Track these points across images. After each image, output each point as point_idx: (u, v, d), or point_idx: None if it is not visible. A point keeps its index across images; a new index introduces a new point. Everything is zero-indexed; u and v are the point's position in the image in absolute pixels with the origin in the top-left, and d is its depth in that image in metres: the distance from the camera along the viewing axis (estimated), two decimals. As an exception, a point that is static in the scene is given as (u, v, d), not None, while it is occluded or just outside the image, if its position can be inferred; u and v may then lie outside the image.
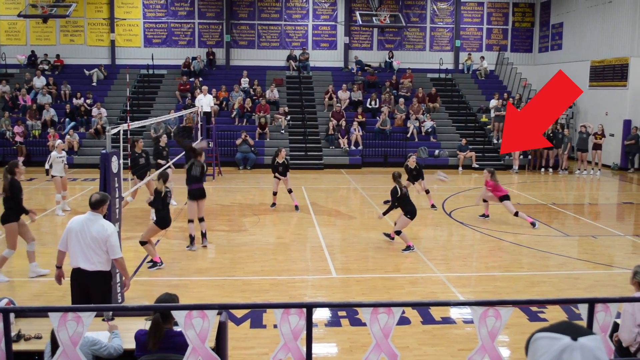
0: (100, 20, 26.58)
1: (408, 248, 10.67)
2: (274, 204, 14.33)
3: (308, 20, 27.35)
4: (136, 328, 4.71)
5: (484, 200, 13.51)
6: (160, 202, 9.28)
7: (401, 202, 10.66)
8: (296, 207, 14.18)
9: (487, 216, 13.55)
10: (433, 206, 14.65)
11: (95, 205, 6.16)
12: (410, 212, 10.68)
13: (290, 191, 14.22)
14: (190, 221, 10.69)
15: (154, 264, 9.48)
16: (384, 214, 11.12)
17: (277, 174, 13.95)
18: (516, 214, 12.74)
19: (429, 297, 8.40)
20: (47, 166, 13.77)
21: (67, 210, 13.58)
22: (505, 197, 13.00)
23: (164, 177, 9.39)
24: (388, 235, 11.42)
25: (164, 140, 14.04)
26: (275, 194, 14.30)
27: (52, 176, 13.40)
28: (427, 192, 14.62)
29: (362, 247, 11.08)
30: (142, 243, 9.37)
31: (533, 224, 12.60)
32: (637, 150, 21.21)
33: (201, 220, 10.79)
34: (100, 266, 6.06)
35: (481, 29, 28.07)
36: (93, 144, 21.62)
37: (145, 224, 12.50)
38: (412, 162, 14.18)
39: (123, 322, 5.11)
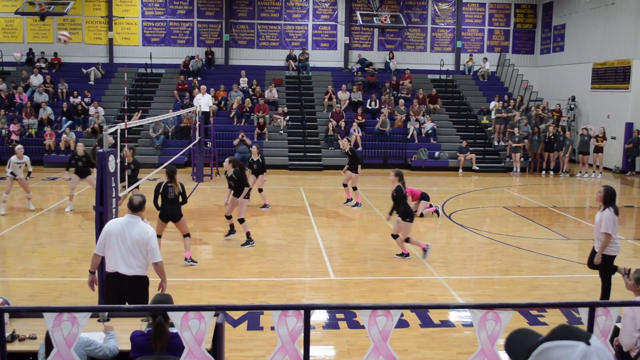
0: (98, 19, 26.51)
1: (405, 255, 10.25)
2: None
3: (308, 20, 27.30)
4: (132, 329, 4.67)
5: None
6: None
7: (399, 202, 10.02)
8: (265, 205, 14.21)
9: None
10: (349, 201, 14.77)
11: (138, 208, 6.02)
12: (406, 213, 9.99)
13: (260, 190, 14.14)
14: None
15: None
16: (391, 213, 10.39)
17: (251, 172, 13.92)
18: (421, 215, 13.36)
19: (428, 300, 8.34)
20: (8, 171, 13.12)
21: (32, 209, 13.45)
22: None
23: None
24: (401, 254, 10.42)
25: (80, 149, 12.34)
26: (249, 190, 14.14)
27: (3, 178, 13.12)
28: (345, 185, 14.85)
29: (361, 249, 11.02)
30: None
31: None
32: (637, 153, 21.16)
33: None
34: (139, 271, 5.89)
35: (482, 30, 28.02)
36: (90, 143, 21.51)
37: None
38: (344, 144, 15.10)
39: (118, 323, 5.05)
